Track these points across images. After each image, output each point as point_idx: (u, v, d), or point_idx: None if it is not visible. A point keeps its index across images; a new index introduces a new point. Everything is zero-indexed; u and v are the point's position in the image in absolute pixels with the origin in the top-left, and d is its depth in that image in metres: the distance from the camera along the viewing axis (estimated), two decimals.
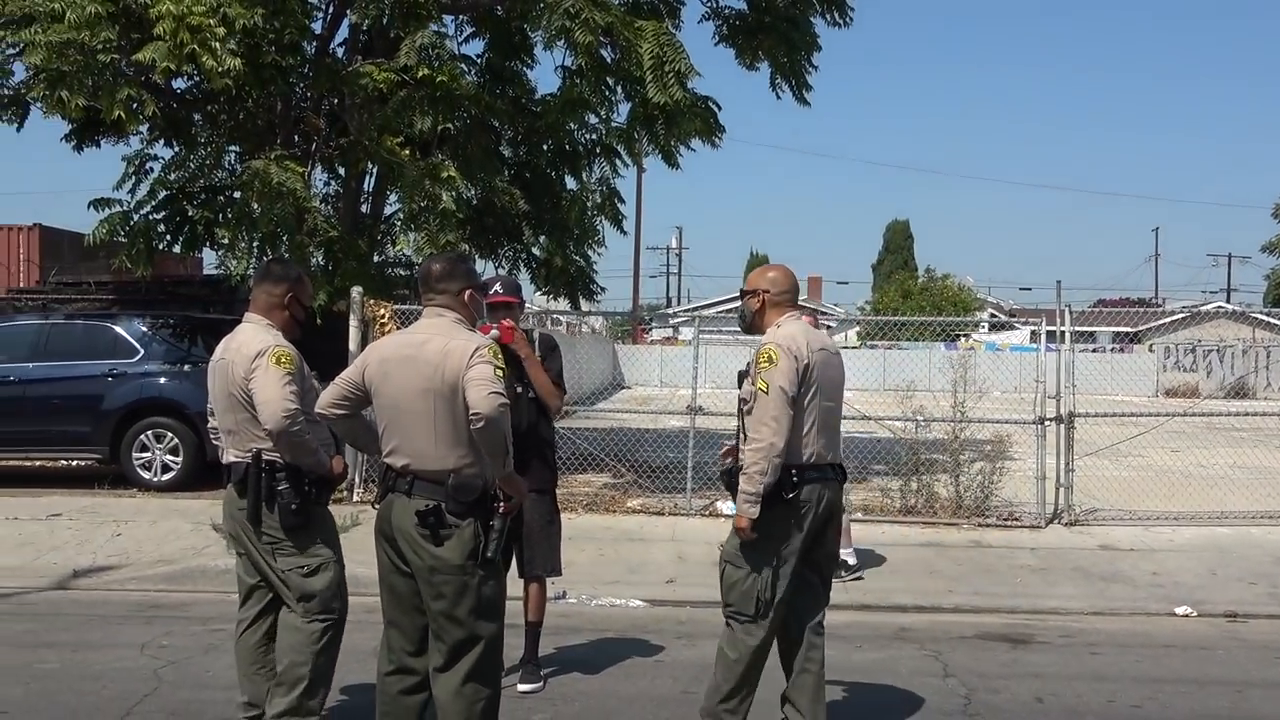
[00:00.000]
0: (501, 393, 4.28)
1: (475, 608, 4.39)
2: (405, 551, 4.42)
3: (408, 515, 4.37)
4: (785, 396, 4.88)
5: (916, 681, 6.48)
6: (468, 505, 4.35)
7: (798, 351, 4.96)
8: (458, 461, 4.36)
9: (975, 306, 57.21)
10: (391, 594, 4.58)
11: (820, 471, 5.04)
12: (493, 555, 4.39)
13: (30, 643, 7.18)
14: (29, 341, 13.12)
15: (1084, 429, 11.51)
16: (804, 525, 4.99)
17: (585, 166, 14.47)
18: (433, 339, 4.46)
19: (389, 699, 4.63)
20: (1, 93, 12.68)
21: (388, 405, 4.48)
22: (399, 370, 4.45)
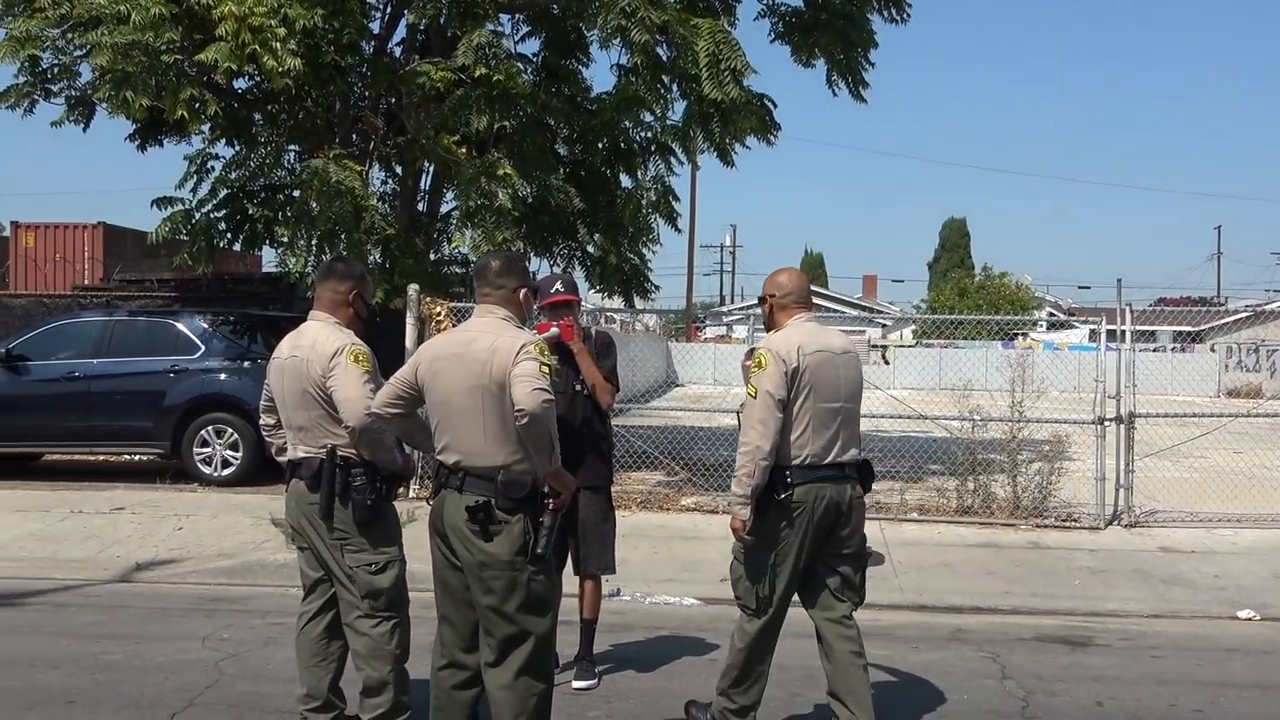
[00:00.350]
0: (546, 389, 4.29)
1: (524, 603, 4.41)
2: (456, 547, 4.46)
3: (458, 511, 4.41)
4: (772, 401, 5.00)
5: (973, 683, 6.43)
6: (517, 501, 4.38)
7: (786, 356, 5.05)
8: (507, 458, 4.39)
9: (1033, 305, 56.64)
10: (444, 590, 4.63)
11: (817, 472, 5.11)
12: (542, 551, 4.40)
13: (95, 634, 7.31)
14: (93, 338, 13.36)
15: (1144, 429, 11.37)
16: (799, 525, 5.09)
17: (640, 164, 14.47)
18: (481, 336, 4.50)
19: (442, 694, 4.68)
20: (68, 93, 12.91)
21: (439, 403, 4.52)
22: (448, 368, 4.49)
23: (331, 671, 5.15)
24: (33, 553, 9.68)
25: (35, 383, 13.05)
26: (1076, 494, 11.37)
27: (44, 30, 11.92)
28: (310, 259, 12.53)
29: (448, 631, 4.66)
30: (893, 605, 8.43)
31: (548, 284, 6.25)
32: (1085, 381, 13.01)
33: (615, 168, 14.67)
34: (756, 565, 5.15)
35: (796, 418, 5.07)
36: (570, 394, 6.06)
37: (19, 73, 12.48)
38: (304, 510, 5.05)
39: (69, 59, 12.49)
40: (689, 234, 48.84)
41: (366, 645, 4.99)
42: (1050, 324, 47.38)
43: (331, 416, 4.93)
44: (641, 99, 13.04)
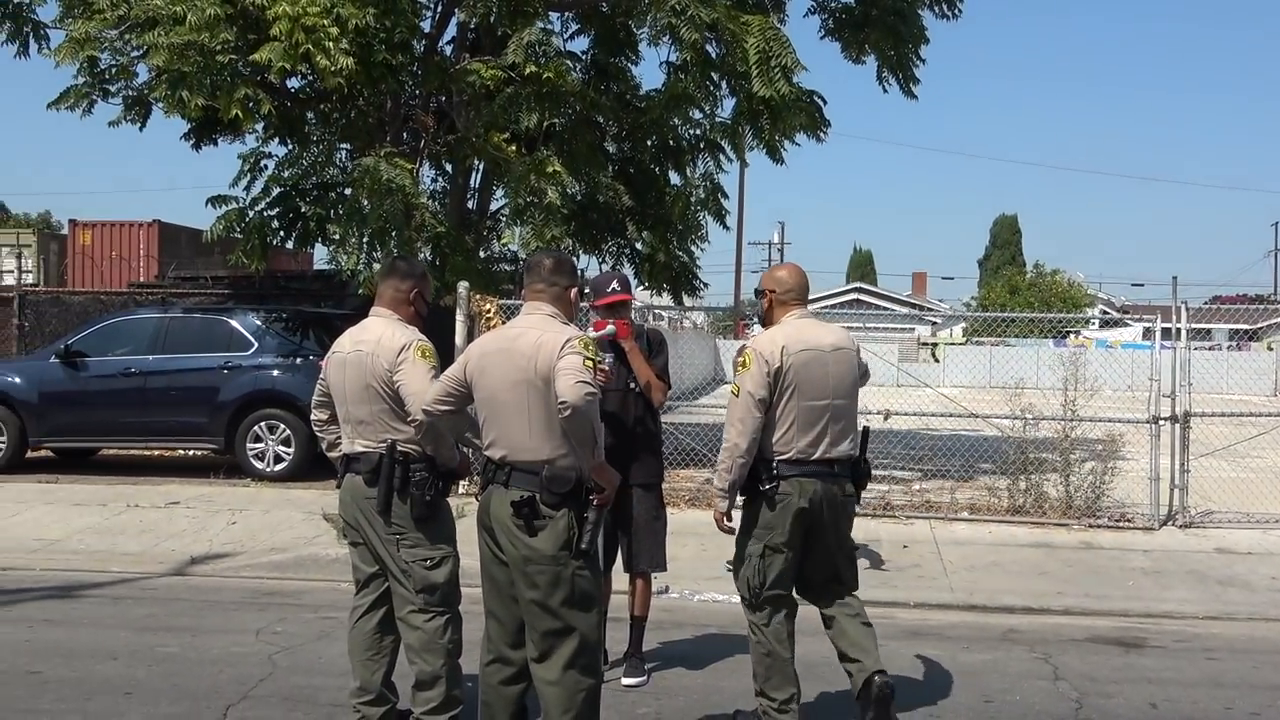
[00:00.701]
0: (589, 382, 4.32)
1: (569, 598, 4.43)
2: (502, 542, 4.49)
3: (504, 506, 4.45)
4: (752, 400, 5.18)
5: (1026, 684, 6.38)
6: (562, 496, 4.40)
7: (770, 356, 5.19)
8: (552, 452, 4.41)
9: (1085, 303, 56.04)
10: (491, 585, 4.66)
11: (804, 467, 5.23)
12: (587, 546, 4.43)
13: (152, 626, 7.42)
14: (149, 334, 13.53)
15: (1199, 429, 11.22)
16: (787, 517, 5.21)
17: (689, 162, 14.47)
18: (527, 332, 4.54)
19: (490, 689, 4.71)
20: (126, 94, 13.11)
21: (486, 398, 4.56)
22: (495, 363, 4.54)
23: (384, 666, 5.21)
24: (91, 546, 9.84)
25: (92, 379, 13.25)
26: (1130, 494, 11.25)
27: (102, 32, 12.12)
28: (361, 256, 12.63)
29: (495, 627, 4.69)
30: (943, 605, 8.39)
31: (603, 283, 6.25)
32: (1139, 380, 12.85)
33: (664, 165, 14.67)
34: (747, 556, 5.33)
35: (782, 415, 5.22)
36: (623, 392, 6.08)
37: (78, 74, 12.69)
38: (360, 505, 5.10)
39: (126, 60, 12.69)
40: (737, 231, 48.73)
41: (419, 640, 5.03)
42: (1103, 322, 46.84)
43: (393, 411, 4.99)
44: (690, 96, 13.04)
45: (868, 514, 11.14)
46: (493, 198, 14.42)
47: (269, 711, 5.71)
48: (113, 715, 5.63)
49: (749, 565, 5.31)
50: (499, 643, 4.67)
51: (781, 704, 5.25)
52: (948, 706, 5.95)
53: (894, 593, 8.58)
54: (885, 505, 11.33)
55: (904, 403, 12.37)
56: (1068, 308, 49.88)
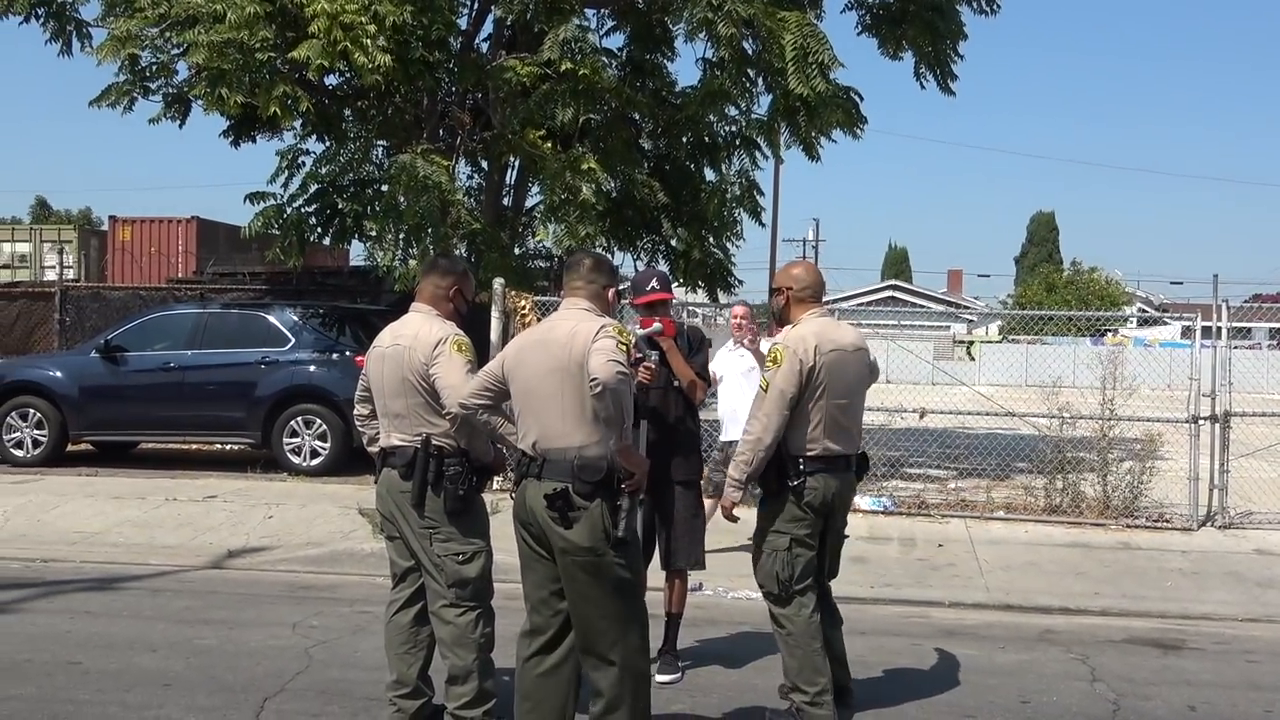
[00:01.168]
0: (622, 364, 4.38)
1: (611, 587, 4.47)
2: (540, 535, 4.53)
3: (538, 499, 4.48)
4: (783, 397, 5.27)
5: (1062, 685, 6.34)
6: (594, 485, 4.44)
7: (803, 354, 5.28)
8: (583, 440, 4.45)
9: (1123, 301, 55.59)
10: (531, 578, 4.70)
11: (828, 463, 5.37)
12: (624, 534, 4.46)
13: (190, 619, 7.49)
14: (187, 330, 13.65)
15: (1239, 429, 11.11)
16: (812, 511, 5.37)
17: (724, 158, 14.43)
18: (561, 323, 4.62)
19: (529, 681, 4.72)
20: (166, 91, 13.22)
21: (521, 390, 4.62)
22: (532, 354, 4.61)
23: (420, 659, 5.24)
24: (130, 539, 9.93)
25: (132, 373, 13.38)
26: (1168, 494, 11.15)
27: (143, 30, 12.24)
28: (397, 253, 12.70)
29: (536, 619, 4.71)
30: (979, 604, 8.35)
31: (642, 281, 6.25)
32: (1177, 379, 12.76)
33: (699, 162, 14.64)
34: (773, 550, 5.40)
35: (811, 413, 5.33)
36: (664, 390, 6.08)
37: (119, 71, 12.81)
38: (395, 498, 5.14)
39: (167, 58, 12.80)
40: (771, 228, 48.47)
41: (451, 634, 5.06)
42: (1141, 320, 46.46)
43: (429, 405, 5.03)
44: (726, 93, 13.00)
45: (903, 512, 11.12)
46: (528, 194, 14.45)
47: (305, 705, 5.75)
48: (152, 706, 5.68)
49: (775, 560, 5.38)
50: (540, 634, 4.69)
51: (815, 696, 5.28)
52: (984, 707, 5.92)
53: (929, 592, 8.55)
54: (920, 504, 11.28)
55: (939, 401, 12.32)
56: (1105, 306, 49.50)
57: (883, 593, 8.39)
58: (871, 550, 9.47)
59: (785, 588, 5.36)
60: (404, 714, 5.22)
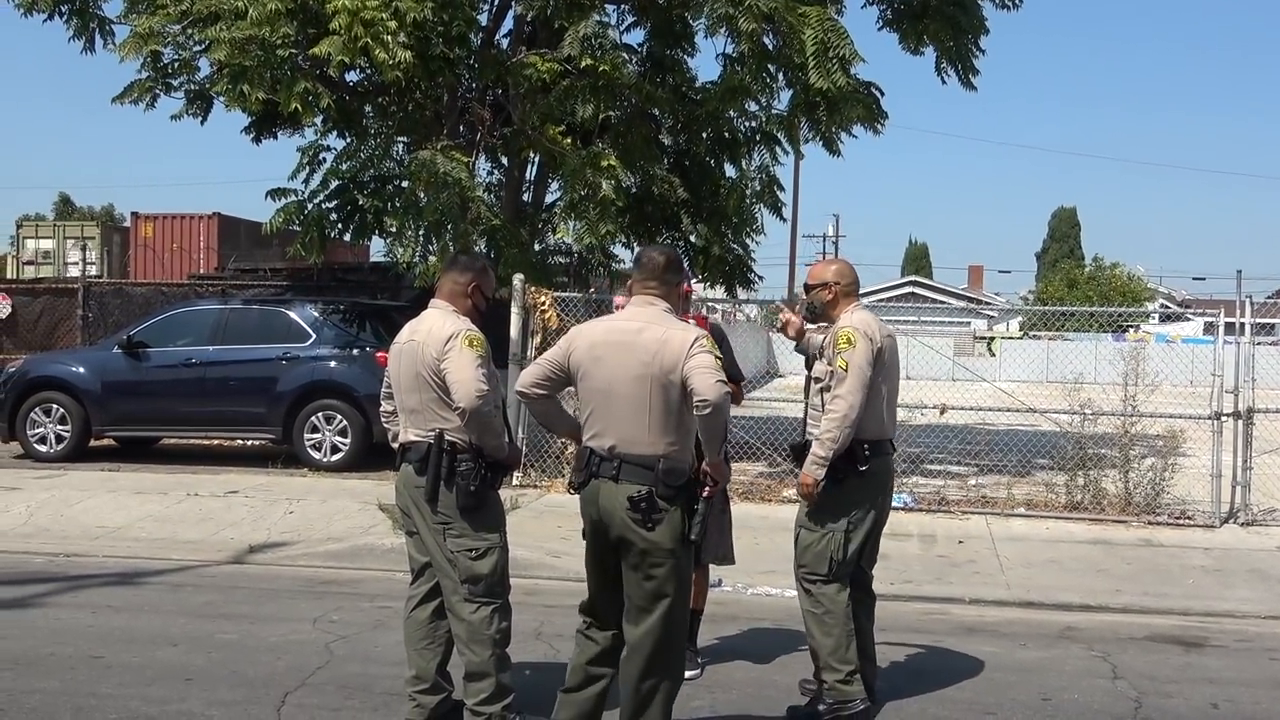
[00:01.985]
0: (724, 380, 4.45)
1: (679, 586, 4.59)
2: (614, 534, 4.57)
3: (618, 500, 4.52)
4: (863, 374, 5.39)
5: (1084, 682, 6.31)
6: (677, 489, 4.51)
7: (872, 335, 5.46)
8: (667, 447, 4.51)
9: (1145, 297, 55.30)
10: (596, 571, 4.79)
11: (883, 448, 5.57)
12: (696, 537, 4.55)
13: (211, 614, 7.52)
14: (209, 325, 13.71)
15: (1263, 425, 11.05)
16: (875, 496, 5.56)
17: (745, 154, 14.39)
18: (649, 327, 4.60)
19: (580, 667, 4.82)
20: (188, 88, 13.27)
21: (598, 389, 4.62)
22: (613, 355, 4.59)
23: (439, 655, 5.25)
24: (151, 534, 9.99)
25: (154, 369, 13.44)
26: (1191, 491, 11.09)
27: (165, 27, 12.30)
28: (418, 249, 12.72)
29: (597, 609, 4.82)
30: (999, 601, 8.31)
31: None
32: (1200, 375, 12.69)
33: (719, 157, 14.60)
34: (831, 531, 5.47)
35: (873, 396, 5.45)
36: None
37: (141, 68, 12.88)
38: (411, 494, 5.16)
39: (188, 54, 12.86)
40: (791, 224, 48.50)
41: (466, 630, 5.07)
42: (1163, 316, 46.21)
43: (442, 400, 5.03)
44: (747, 88, 12.97)
45: (923, 509, 11.09)
46: (548, 190, 14.45)
47: (326, 699, 5.77)
48: (173, 701, 5.71)
49: (831, 540, 5.47)
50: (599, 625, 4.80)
51: (848, 675, 5.39)
52: (1005, 704, 5.90)
53: (949, 588, 8.52)
54: (941, 500, 11.26)
55: (960, 397, 12.29)
56: (1127, 302, 49.23)
57: (903, 589, 8.37)
58: (891, 546, 9.42)
59: (836, 568, 5.47)
60: (423, 709, 5.24)
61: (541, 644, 6.62)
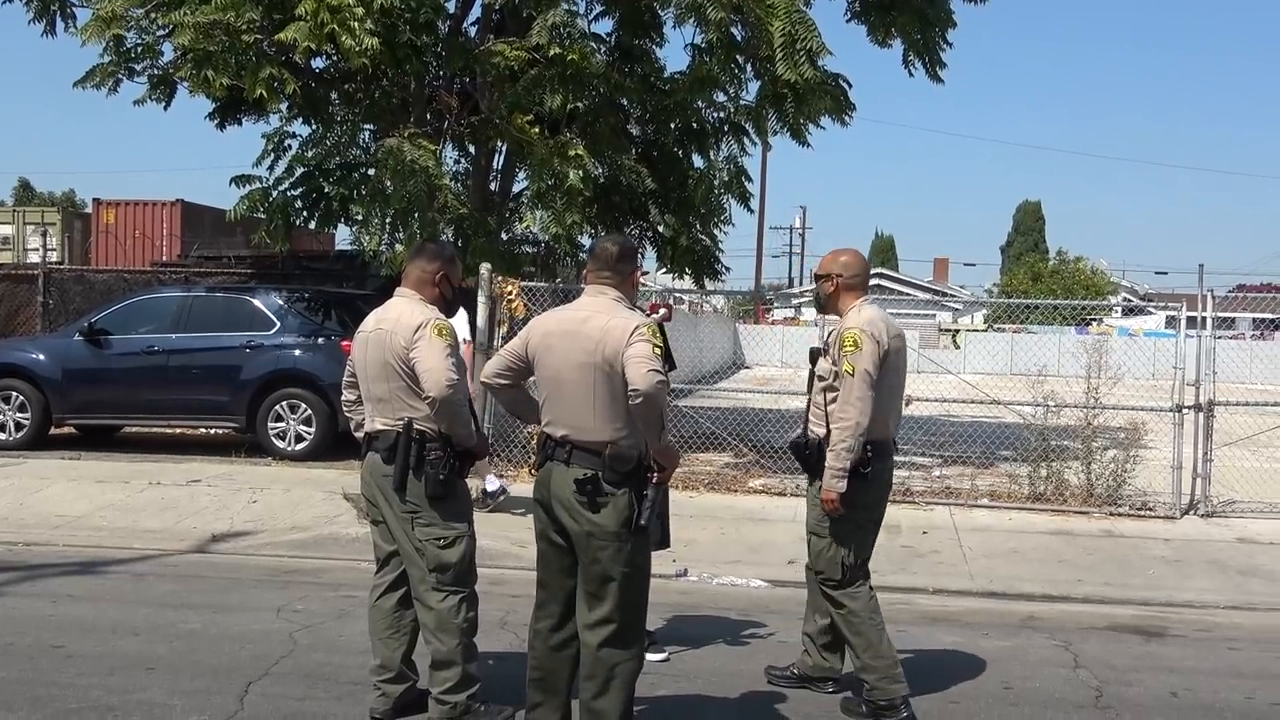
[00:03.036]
0: (659, 370, 4.44)
1: (627, 571, 4.56)
2: (562, 517, 4.59)
3: (566, 483, 4.55)
4: (870, 379, 5.30)
5: (1045, 671, 6.37)
6: (623, 475, 4.52)
7: (879, 337, 5.36)
8: (614, 434, 4.52)
9: (1108, 290, 55.78)
10: (544, 558, 4.78)
11: (886, 448, 5.51)
12: (645, 523, 4.55)
13: (173, 603, 7.47)
14: (172, 313, 13.57)
15: (1222, 418, 11.17)
16: (880, 496, 5.55)
17: (713, 145, 14.39)
18: (595, 316, 4.62)
19: (540, 654, 4.80)
20: (151, 73, 13.12)
21: (549, 377, 4.66)
22: (561, 344, 4.63)
23: (404, 644, 5.25)
24: (113, 523, 9.90)
25: (116, 356, 13.30)
26: (1152, 482, 11.20)
27: (128, 10, 12.13)
28: (384, 237, 12.64)
29: (545, 596, 4.80)
30: (963, 591, 8.38)
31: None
32: (1161, 368, 12.82)
33: (687, 148, 14.59)
34: (843, 536, 5.45)
35: (882, 397, 5.39)
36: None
37: (104, 52, 12.70)
38: (378, 482, 5.14)
39: (152, 39, 12.70)
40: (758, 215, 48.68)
41: (434, 619, 5.06)
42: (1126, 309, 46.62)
43: (410, 389, 5.02)
44: (715, 79, 12.97)
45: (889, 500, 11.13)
46: (515, 180, 14.40)
47: (290, 689, 5.74)
48: (135, 690, 5.67)
49: (842, 546, 5.45)
50: (548, 611, 4.78)
51: (887, 669, 5.41)
52: (967, 693, 5.94)
53: (913, 579, 8.58)
54: (905, 491, 11.31)
55: (925, 389, 12.32)
56: (1090, 295, 49.64)
57: None
58: None
59: (851, 570, 5.46)
60: (388, 698, 5.23)
61: (507, 633, 6.61)
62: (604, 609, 4.56)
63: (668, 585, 8.02)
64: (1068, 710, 5.75)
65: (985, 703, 5.83)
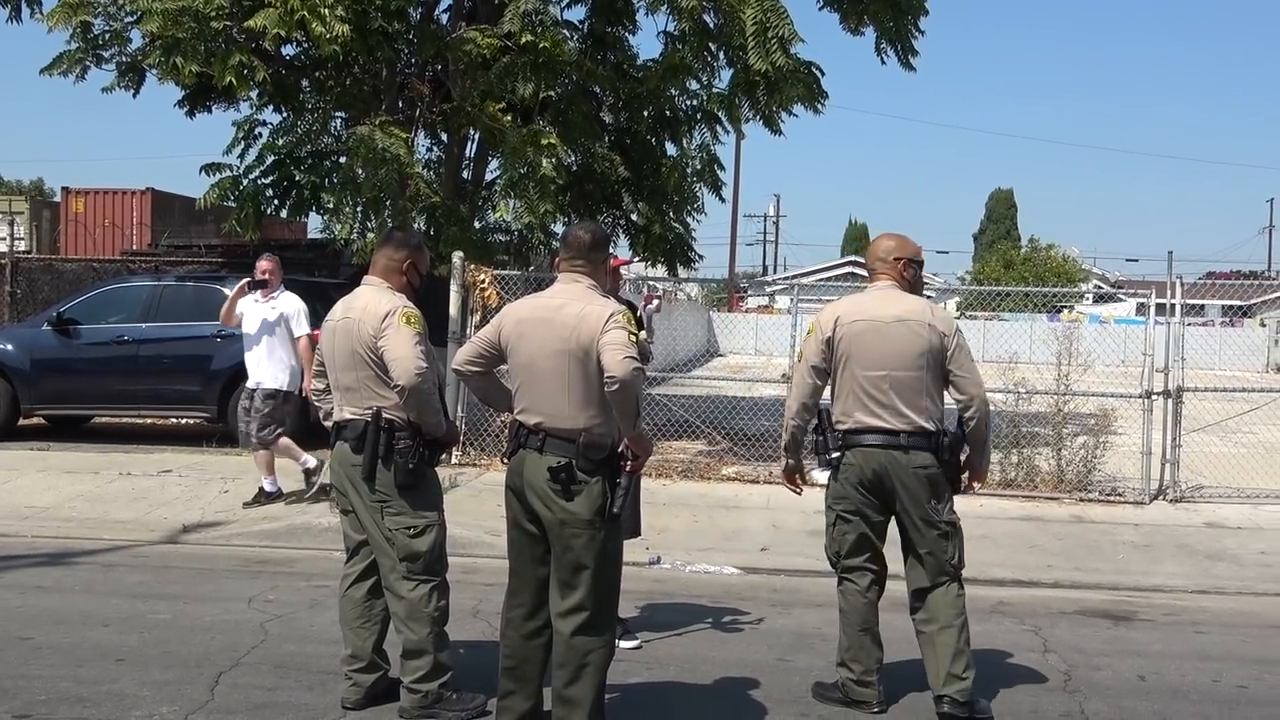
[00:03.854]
0: (635, 357, 4.44)
1: (600, 559, 4.55)
2: (535, 505, 4.58)
3: (540, 471, 4.54)
4: (806, 366, 5.40)
5: (1015, 656, 6.41)
6: (597, 463, 4.52)
7: (824, 326, 5.37)
8: (589, 421, 4.52)
9: (1080, 278, 56.04)
10: (515, 544, 4.76)
11: (864, 436, 5.30)
12: (618, 510, 4.54)
13: (144, 594, 7.42)
14: (142, 302, 13.49)
15: (1191, 404, 11.26)
16: (853, 486, 5.34)
17: (686, 133, 14.40)
18: (569, 303, 4.61)
19: (513, 642, 4.78)
20: (119, 60, 13.01)
21: (523, 364, 4.64)
22: (535, 331, 4.61)
23: (375, 633, 5.24)
24: (83, 513, 9.83)
25: (85, 346, 13.22)
26: (1121, 468, 11.28)
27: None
28: (355, 225, 12.59)
29: (517, 583, 4.79)
30: None
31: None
32: (1131, 355, 12.89)
33: (660, 136, 14.59)
34: (829, 524, 5.53)
35: (840, 385, 5.34)
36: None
37: (71, 39, 12.58)
38: (347, 472, 5.13)
39: (120, 25, 12.60)
40: (732, 203, 48.80)
41: (405, 608, 5.06)
42: (1097, 297, 46.90)
43: (379, 378, 5.01)
44: (688, 67, 12.97)
45: None
46: (488, 168, 14.35)
47: (261, 679, 5.71)
48: (105, 681, 5.63)
49: (828, 534, 5.55)
50: (520, 599, 4.77)
51: (860, 676, 5.36)
52: None
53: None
54: None
55: None
56: (1062, 282, 49.88)
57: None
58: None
59: (834, 563, 5.52)
60: (360, 688, 5.22)
61: (479, 622, 6.60)
62: (577, 597, 4.55)
63: (641, 573, 8.03)
64: (1036, 694, 5.79)
65: None
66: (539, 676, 4.79)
